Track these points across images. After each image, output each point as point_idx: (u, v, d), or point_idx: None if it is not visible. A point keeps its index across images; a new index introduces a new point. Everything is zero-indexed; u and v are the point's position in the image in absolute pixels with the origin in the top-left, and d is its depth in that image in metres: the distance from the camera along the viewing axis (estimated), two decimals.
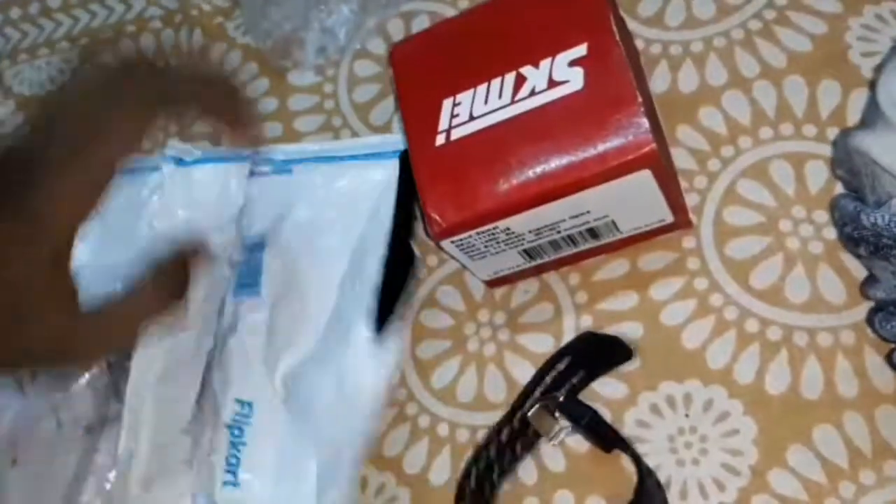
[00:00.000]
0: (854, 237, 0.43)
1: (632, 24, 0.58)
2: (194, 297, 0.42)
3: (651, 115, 0.47)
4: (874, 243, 0.41)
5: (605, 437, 0.49)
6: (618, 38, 0.46)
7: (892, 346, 0.46)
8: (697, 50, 0.56)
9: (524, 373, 0.53)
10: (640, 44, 0.57)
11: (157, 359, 0.56)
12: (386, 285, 0.53)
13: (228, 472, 0.53)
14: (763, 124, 0.53)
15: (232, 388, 0.54)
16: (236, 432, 0.53)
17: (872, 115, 0.42)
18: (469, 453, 0.51)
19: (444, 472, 0.52)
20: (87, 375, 0.57)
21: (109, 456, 0.54)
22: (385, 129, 0.61)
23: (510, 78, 0.48)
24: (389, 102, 0.62)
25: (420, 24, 0.64)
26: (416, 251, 0.57)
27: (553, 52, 0.47)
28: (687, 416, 0.49)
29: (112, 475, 0.54)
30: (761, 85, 0.54)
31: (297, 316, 0.53)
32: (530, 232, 0.49)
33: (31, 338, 0.36)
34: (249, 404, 0.54)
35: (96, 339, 0.38)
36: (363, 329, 0.52)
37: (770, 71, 0.54)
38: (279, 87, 0.65)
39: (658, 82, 0.56)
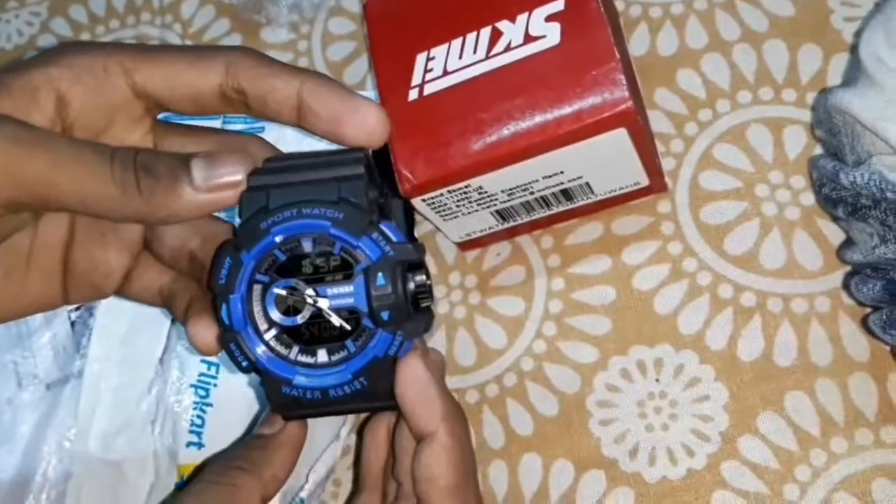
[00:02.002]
0: (832, 198, 0.42)
1: None
2: None
3: (629, 74, 0.46)
4: (853, 203, 0.41)
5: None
6: None
7: (868, 310, 0.45)
8: (678, 12, 0.55)
9: (495, 337, 0.52)
10: (619, 5, 0.56)
11: (121, 315, 0.55)
12: None
13: (192, 432, 0.52)
14: (742, 88, 0.52)
15: None
16: (202, 392, 0.53)
17: (854, 73, 0.41)
18: None
19: None
20: (48, 333, 0.56)
21: (70, 414, 0.53)
22: (360, 87, 0.60)
23: (486, 32, 0.47)
24: (364, 61, 0.61)
25: None
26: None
27: (530, 7, 0.46)
28: (657, 381, 0.49)
29: (72, 434, 0.53)
30: (741, 48, 0.53)
31: None
32: (503, 192, 0.48)
33: None
34: (216, 365, 0.53)
35: None
36: None
37: (751, 34, 0.53)
38: (252, 44, 0.64)
39: (637, 45, 0.55)
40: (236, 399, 0.52)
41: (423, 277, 0.37)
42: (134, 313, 0.54)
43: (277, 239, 0.36)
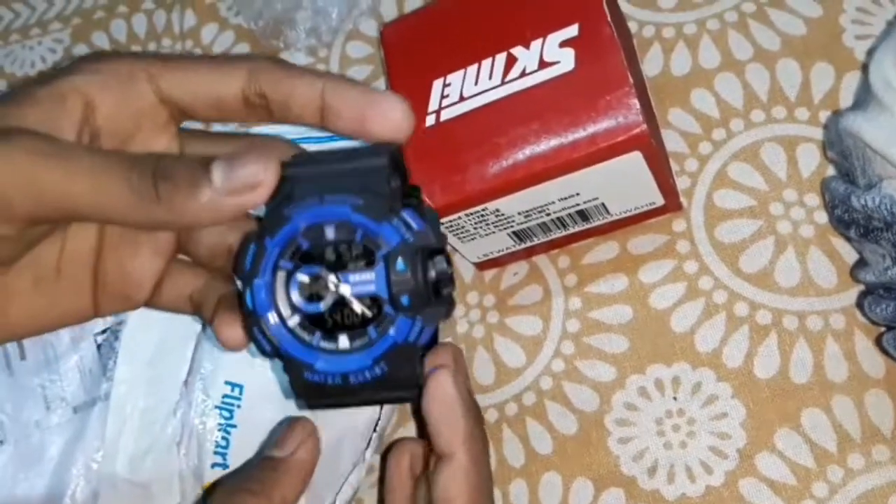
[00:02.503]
0: (845, 220, 0.43)
1: (624, 6, 0.57)
2: None
3: (643, 97, 0.47)
4: (864, 225, 0.41)
5: None
6: (609, 18, 0.46)
7: (883, 329, 0.45)
8: (690, 32, 0.56)
9: (514, 356, 0.53)
10: (632, 26, 0.57)
11: (146, 338, 0.55)
12: None
13: (217, 453, 0.53)
14: (755, 107, 0.53)
15: (222, 369, 0.54)
16: (226, 414, 0.53)
17: (864, 97, 0.42)
18: None
19: None
20: (75, 356, 0.57)
21: (97, 436, 0.54)
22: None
23: (501, 59, 0.48)
24: (382, 84, 0.62)
25: (413, 4, 0.64)
26: None
27: (544, 33, 0.47)
28: (675, 399, 0.49)
29: (100, 455, 0.54)
30: (754, 68, 0.54)
31: None
32: (520, 214, 0.48)
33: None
34: (240, 387, 0.54)
35: None
36: None
37: (763, 54, 0.54)
38: None
39: (651, 65, 0.56)
40: (260, 420, 0.53)
41: (444, 264, 0.37)
42: (159, 336, 0.55)
43: (300, 225, 0.37)
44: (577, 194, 0.47)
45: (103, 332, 0.57)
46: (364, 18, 0.64)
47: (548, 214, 0.49)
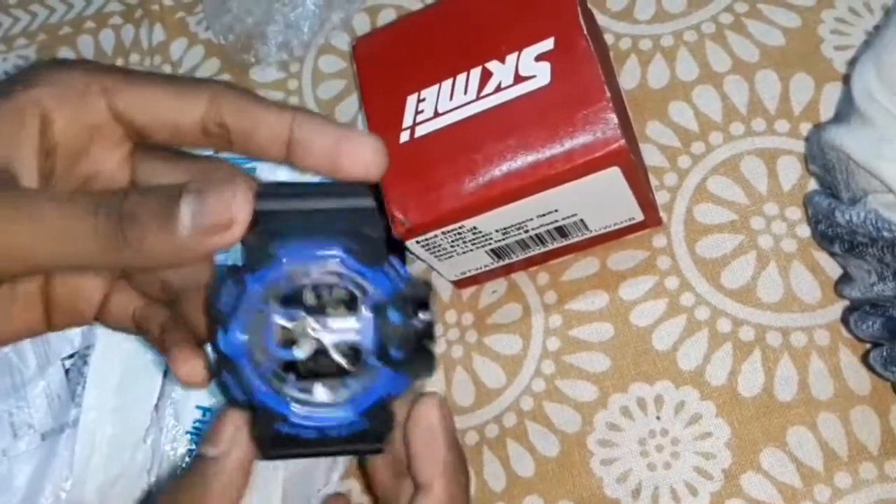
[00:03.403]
0: (828, 235, 0.42)
1: (601, 19, 0.56)
2: None
3: (620, 110, 0.46)
4: (849, 241, 0.40)
5: None
6: (585, 31, 0.45)
7: (868, 346, 0.45)
8: (668, 44, 0.55)
9: (494, 376, 0.52)
10: (609, 38, 0.56)
11: (115, 363, 0.54)
12: None
13: None
14: (735, 120, 0.52)
15: (194, 393, 0.52)
16: (197, 440, 0.52)
17: (846, 110, 0.41)
18: None
19: None
20: (42, 382, 0.55)
21: (66, 464, 0.53)
22: (351, 126, 0.60)
23: (476, 73, 0.47)
24: (355, 99, 0.61)
25: (386, 18, 0.63)
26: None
27: (519, 47, 0.46)
28: (658, 418, 0.48)
29: (68, 484, 0.52)
30: (733, 79, 0.53)
31: None
32: (497, 231, 0.47)
33: None
34: (212, 411, 0.53)
35: None
36: None
37: (742, 65, 0.53)
38: (241, 83, 0.63)
39: (628, 78, 0.55)
40: None
41: (430, 316, 0.35)
42: (128, 360, 0.54)
43: (287, 266, 0.34)
44: (556, 211, 0.46)
45: (71, 356, 0.56)
46: (336, 32, 0.63)
47: (526, 231, 0.48)
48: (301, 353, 0.35)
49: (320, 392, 0.35)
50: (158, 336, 0.38)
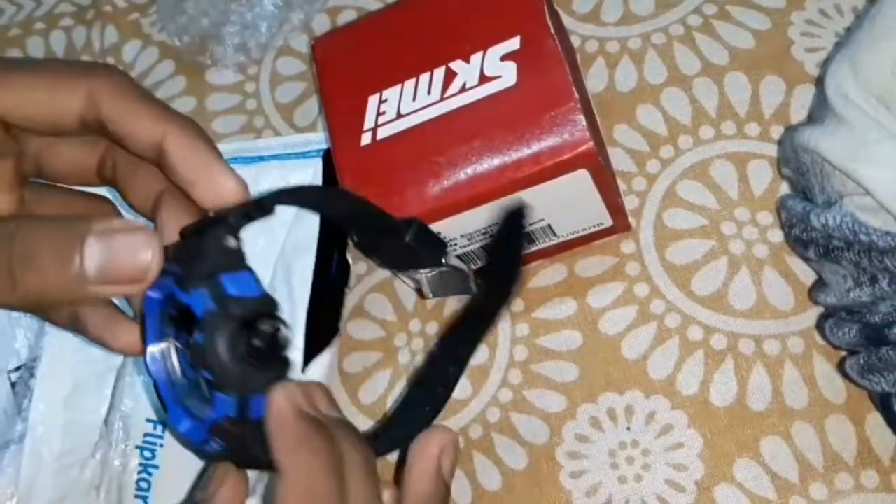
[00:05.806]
0: (803, 239, 0.41)
1: (567, 20, 0.55)
2: None
3: (588, 113, 0.45)
4: (824, 245, 0.39)
5: None
6: (552, 31, 0.44)
7: (844, 353, 0.43)
8: (635, 47, 0.54)
9: (459, 386, 0.49)
10: (575, 41, 0.55)
11: (64, 376, 0.52)
12: (319, 297, 0.49)
13: (139, 496, 0.50)
14: (704, 123, 0.51)
15: (144, 406, 0.50)
16: (147, 454, 0.50)
17: (820, 111, 0.40)
18: None
19: None
20: None
21: (11, 482, 0.50)
22: (310, 129, 0.58)
23: (439, 73, 0.45)
24: (314, 102, 0.59)
25: (346, 19, 0.61)
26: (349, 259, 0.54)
27: (484, 46, 0.45)
28: (628, 429, 0.47)
29: (14, 502, 0.50)
30: (702, 82, 0.52)
31: None
32: (462, 237, 0.46)
33: None
34: (162, 424, 0.51)
35: None
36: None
37: (711, 68, 0.52)
38: (197, 86, 0.61)
39: (594, 81, 0.54)
40: (183, 460, 0.49)
41: (271, 328, 0.33)
42: (76, 373, 0.52)
43: (155, 295, 0.34)
44: None
45: (17, 369, 0.53)
46: (296, 34, 0.61)
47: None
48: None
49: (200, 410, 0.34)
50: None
